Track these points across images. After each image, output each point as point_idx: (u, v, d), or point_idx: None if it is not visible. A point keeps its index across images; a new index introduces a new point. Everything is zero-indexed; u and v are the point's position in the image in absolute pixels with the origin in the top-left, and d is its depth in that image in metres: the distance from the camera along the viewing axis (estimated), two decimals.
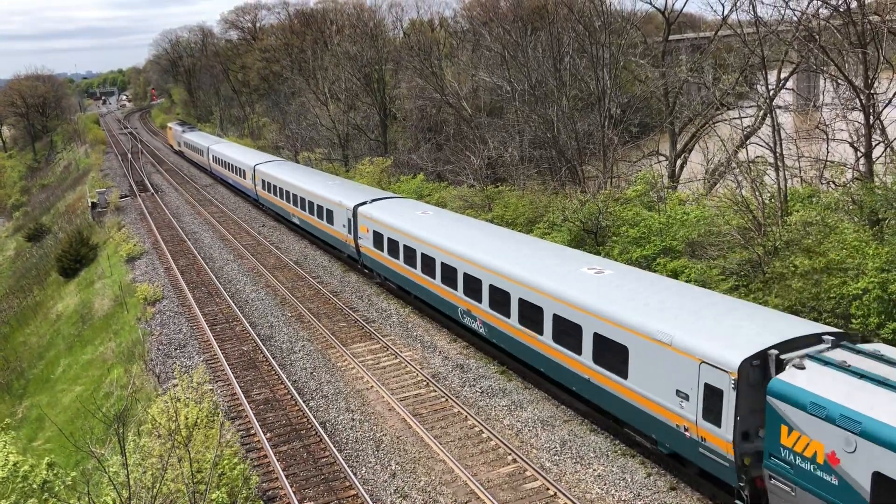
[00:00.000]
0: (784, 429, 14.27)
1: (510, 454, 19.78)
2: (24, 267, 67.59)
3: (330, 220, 39.24)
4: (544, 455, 19.82)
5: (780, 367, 14.90)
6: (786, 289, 21.99)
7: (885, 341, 18.76)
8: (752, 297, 22.85)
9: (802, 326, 16.54)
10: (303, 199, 43.49)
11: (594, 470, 18.96)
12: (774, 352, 15.11)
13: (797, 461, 14.04)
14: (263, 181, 52.78)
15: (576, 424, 21.27)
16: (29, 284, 58.72)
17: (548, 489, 18.13)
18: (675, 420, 16.91)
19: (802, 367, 14.48)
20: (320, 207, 40.71)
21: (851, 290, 20.37)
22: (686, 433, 16.63)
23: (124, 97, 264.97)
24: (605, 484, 18.33)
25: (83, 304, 43.38)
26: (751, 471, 15.36)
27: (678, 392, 16.68)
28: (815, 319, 20.55)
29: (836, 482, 13.41)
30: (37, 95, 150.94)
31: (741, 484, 15.55)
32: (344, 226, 37.23)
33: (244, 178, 58.98)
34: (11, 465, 14.83)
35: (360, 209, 34.97)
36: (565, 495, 17.68)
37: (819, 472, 13.65)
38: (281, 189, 48.14)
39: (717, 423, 15.63)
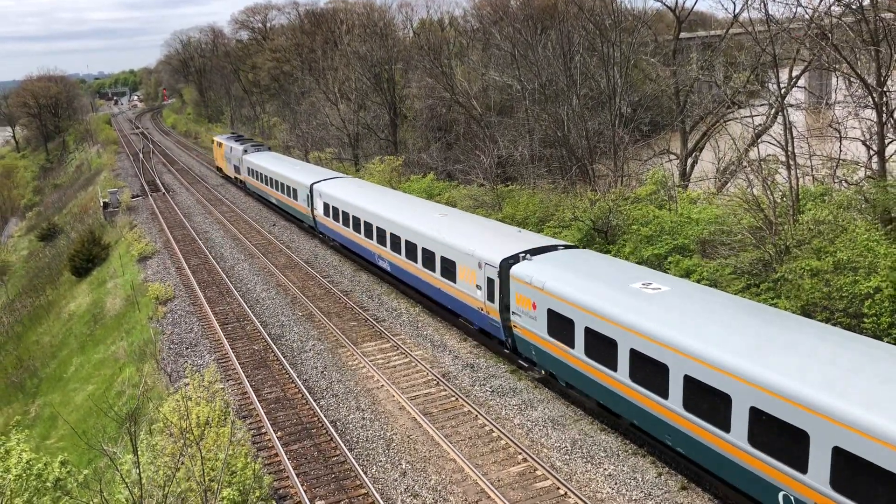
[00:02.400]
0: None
1: (520, 453, 19.79)
2: (36, 266, 68.06)
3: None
4: (555, 454, 19.82)
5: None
6: (796, 289, 21.88)
7: None
8: (762, 297, 22.74)
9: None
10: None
11: (605, 469, 18.95)
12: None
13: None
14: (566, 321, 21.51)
15: (586, 424, 21.25)
16: (42, 284, 59.12)
17: (558, 488, 18.13)
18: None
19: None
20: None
21: (863, 288, 20.25)
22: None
23: (136, 97, 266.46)
24: (615, 483, 18.31)
25: (95, 303, 43.65)
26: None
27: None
28: (827, 319, 20.46)
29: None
30: (49, 96, 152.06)
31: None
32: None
33: (457, 279, 27.13)
34: (25, 462, 14.94)
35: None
36: (576, 495, 17.67)
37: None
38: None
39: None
